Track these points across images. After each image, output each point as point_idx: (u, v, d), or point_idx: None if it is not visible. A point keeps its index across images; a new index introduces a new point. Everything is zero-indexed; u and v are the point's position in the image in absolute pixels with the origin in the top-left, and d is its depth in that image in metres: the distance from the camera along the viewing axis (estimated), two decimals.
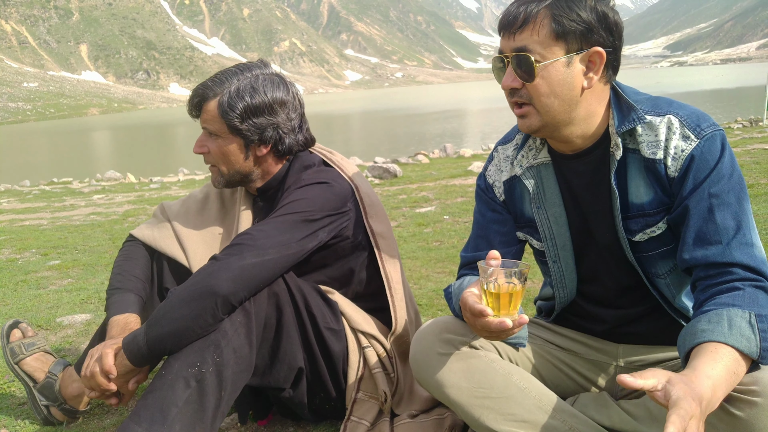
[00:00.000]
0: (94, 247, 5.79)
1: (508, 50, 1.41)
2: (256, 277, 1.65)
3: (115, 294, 1.90)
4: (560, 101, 1.42)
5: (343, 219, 1.84)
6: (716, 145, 1.37)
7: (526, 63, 1.38)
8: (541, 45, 1.37)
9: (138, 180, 15.43)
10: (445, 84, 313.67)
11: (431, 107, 57.73)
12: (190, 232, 1.99)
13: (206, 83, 1.84)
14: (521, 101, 1.43)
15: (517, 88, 1.42)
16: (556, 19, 1.37)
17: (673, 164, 1.39)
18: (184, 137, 40.85)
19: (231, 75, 1.83)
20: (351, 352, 1.85)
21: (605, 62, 1.41)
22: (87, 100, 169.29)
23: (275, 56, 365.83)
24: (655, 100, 1.47)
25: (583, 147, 1.50)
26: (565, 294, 1.64)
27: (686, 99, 16.02)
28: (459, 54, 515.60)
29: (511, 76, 1.42)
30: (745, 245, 1.32)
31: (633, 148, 1.44)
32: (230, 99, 1.80)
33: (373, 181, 10.04)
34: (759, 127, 14.37)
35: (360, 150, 20.66)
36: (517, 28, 1.39)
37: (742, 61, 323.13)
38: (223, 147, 1.86)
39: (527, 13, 1.38)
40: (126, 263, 1.98)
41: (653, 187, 1.43)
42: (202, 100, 1.83)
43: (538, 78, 1.39)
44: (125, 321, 1.81)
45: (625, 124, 1.43)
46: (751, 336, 1.20)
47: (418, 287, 3.67)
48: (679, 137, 1.39)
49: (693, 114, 1.41)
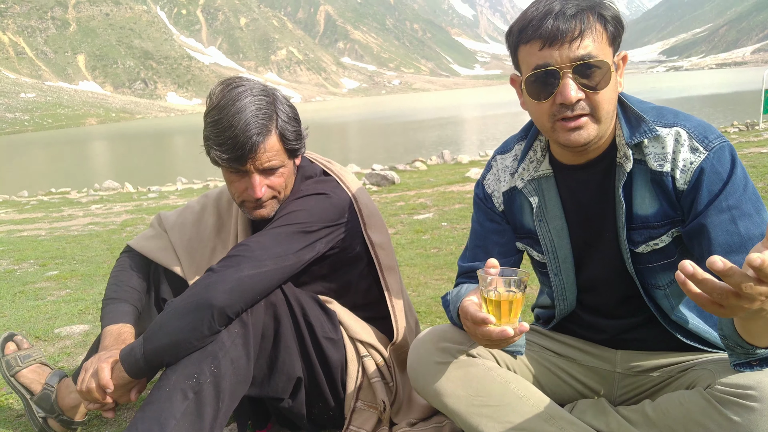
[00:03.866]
0: (92, 257, 5.78)
1: (565, 61, 1.33)
2: (254, 289, 1.65)
3: (110, 304, 1.89)
4: (613, 108, 1.41)
5: (341, 230, 1.84)
6: (726, 156, 1.36)
7: (596, 71, 1.33)
8: (603, 51, 1.35)
9: (136, 189, 15.43)
10: (442, 91, 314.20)
11: (428, 114, 57.79)
12: (186, 244, 1.98)
13: (248, 129, 1.67)
14: (582, 113, 1.36)
15: (580, 99, 1.35)
16: (609, 22, 1.35)
17: (682, 177, 1.38)
18: (182, 146, 40.87)
19: (260, 106, 1.71)
20: (350, 362, 1.84)
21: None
22: (85, 110, 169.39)
23: (272, 65, 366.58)
24: (659, 110, 1.46)
25: (592, 157, 1.49)
26: (565, 305, 1.64)
27: (683, 104, 15.97)
28: (455, 61, 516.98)
29: (574, 88, 1.33)
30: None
31: (639, 159, 1.43)
32: (284, 126, 1.76)
33: (371, 189, 10.05)
34: (755, 131, 14.42)
35: (358, 157, 20.66)
36: (578, 35, 1.32)
37: (737, 65, 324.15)
38: (286, 176, 1.82)
39: (583, 20, 1.32)
40: (122, 274, 1.97)
41: (659, 200, 1.43)
42: (255, 144, 1.69)
43: (608, 85, 1.36)
44: (119, 331, 1.80)
45: (636, 136, 1.42)
46: None
47: (417, 294, 3.67)
48: (688, 149, 1.38)
49: (700, 126, 1.41)
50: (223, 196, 2.07)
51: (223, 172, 1.82)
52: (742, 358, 1.26)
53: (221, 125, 1.69)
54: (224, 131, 1.68)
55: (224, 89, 1.73)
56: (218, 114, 1.70)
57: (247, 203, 1.81)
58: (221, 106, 1.70)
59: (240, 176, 1.77)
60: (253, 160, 1.72)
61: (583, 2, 1.34)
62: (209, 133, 1.73)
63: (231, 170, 1.76)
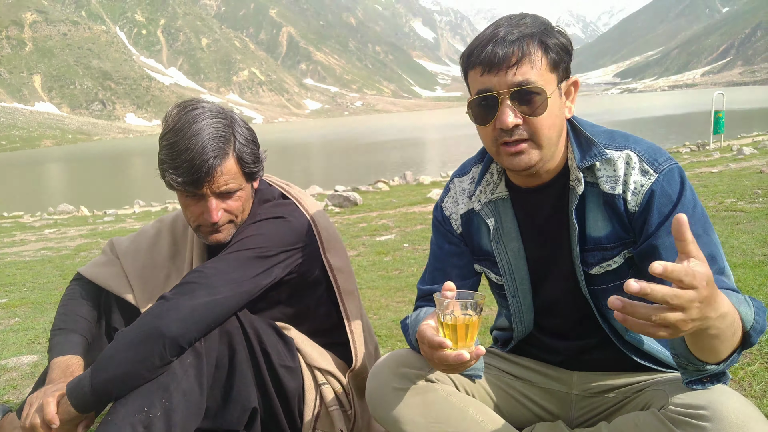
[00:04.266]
0: (43, 284, 5.60)
1: (503, 87, 1.35)
2: (208, 317, 1.61)
3: (58, 335, 1.82)
4: (556, 133, 1.42)
5: (299, 254, 1.81)
6: (675, 178, 1.39)
7: (533, 97, 1.35)
8: (542, 77, 1.36)
9: (92, 213, 15.08)
10: (404, 112, 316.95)
11: (391, 135, 58.17)
12: (139, 271, 1.92)
13: (204, 152, 1.64)
14: (521, 138, 1.38)
15: (518, 124, 1.37)
16: (551, 49, 1.37)
17: (633, 199, 1.41)
18: (140, 168, 40.16)
19: (217, 129, 1.68)
20: (307, 390, 1.81)
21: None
22: (40, 132, 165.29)
23: (234, 86, 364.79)
24: (610, 133, 1.49)
25: (545, 180, 1.50)
26: (523, 327, 1.64)
27: (637, 125, 16.48)
28: (417, 83, 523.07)
29: (512, 113, 1.36)
30: (720, 273, 1.32)
31: (592, 182, 1.45)
32: (241, 149, 1.73)
33: (334, 210, 10.01)
34: (706, 151, 14.91)
35: (320, 179, 20.63)
36: (516, 62, 1.34)
37: (688, 87, 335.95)
38: (243, 200, 1.79)
39: (522, 46, 1.34)
40: (71, 303, 1.91)
41: (611, 222, 1.45)
42: (212, 167, 1.66)
43: (545, 111, 1.37)
44: (66, 363, 1.73)
45: (586, 159, 1.44)
46: (747, 307, 1.20)
47: (378, 317, 3.65)
48: (638, 172, 1.41)
49: (650, 149, 1.44)
50: (179, 221, 2.02)
51: (178, 196, 1.78)
52: (693, 375, 1.28)
53: (177, 148, 1.65)
54: (180, 154, 1.65)
55: (180, 112, 1.70)
56: (174, 137, 1.66)
57: (202, 228, 1.77)
58: (177, 128, 1.67)
59: (196, 200, 1.73)
60: (210, 183, 1.68)
61: (527, 29, 1.36)
62: (164, 156, 1.69)
63: (186, 194, 1.72)
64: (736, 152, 12.63)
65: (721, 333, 1.13)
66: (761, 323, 1.21)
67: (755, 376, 2.36)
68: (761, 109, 50.73)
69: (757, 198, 6.54)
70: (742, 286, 3.45)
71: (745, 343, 1.21)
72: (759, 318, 1.21)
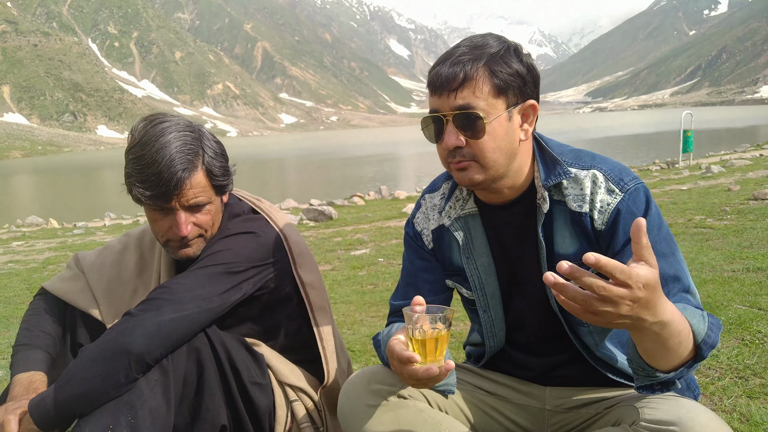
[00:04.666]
0: (10, 297, 5.46)
1: (446, 109, 1.38)
2: (174, 334, 1.57)
3: (21, 351, 1.76)
4: (504, 155, 1.43)
5: (269, 270, 1.79)
6: (641, 198, 1.41)
7: (473, 121, 1.38)
8: (485, 101, 1.38)
9: (61, 225, 14.80)
10: (380, 128, 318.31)
11: (366, 150, 58.32)
12: (105, 285, 1.88)
13: (172, 165, 1.62)
14: (463, 159, 1.41)
15: (459, 146, 1.40)
16: (497, 75, 1.38)
17: (600, 217, 1.42)
18: (112, 180, 39.56)
19: (185, 142, 1.65)
20: (278, 407, 1.78)
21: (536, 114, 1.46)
22: (8, 143, 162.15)
23: (208, 99, 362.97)
24: (577, 152, 1.51)
25: (511, 198, 1.52)
26: (495, 342, 1.64)
27: (608, 143, 16.81)
28: (392, 99, 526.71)
29: (454, 135, 1.39)
30: (685, 292, 1.35)
31: (559, 200, 1.47)
32: (210, 162, 1.71)
33: (308, 224, 9.97)
34: (675, 169, 15.22)
35: (295, 193, 20.55)
36: (458, 85, 1.37)
37: (657, 106, 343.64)
38: (213, 213, 1.76)
39: (466, 70, 1.37)
40: (35, 318, 1.85)
41: (579, 239, 1.46)
42: (180, 180, 1.64)
43: (485, 135, 1.39)
44: (29, 380, 1.68)
45: (551, 178, 1.46)
46: (701, 322, 1.24)
47: (352, 332, 3.62)
48: (605, 191, 1.42)
49: (615, 168, 1.46)
50: (146, 235, 1.98)
51: (145, 211, 1.74)
52: (644, 381, 1.30)
53: (144, 161, 1.62)
54: (147, 167, 1.62)
55: (147, 125, 1.68)
56: (141, 150, 1.64)
57: (171, 243, 1.74)
58: (144, 142, 1.64)
59: (164, 214, 1.70)
60: (179, 196, 1.66)
61: (476, 51, 1.39)
62: (131, 170, 1.66)
63: (154, 208, 1.69)
64: (705, 170, 12.91)
65: (664, 340, 1.17)
66: (713, 338, 1.24)
67: (725, 391, 2.39)
68: (729, 129, 52.12)
69: (726, 215, 6.68)
70: (711, 301, 3.51)
71: (696, 356, 1.24)
72: (711, 333, 1.24)
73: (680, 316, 1.18)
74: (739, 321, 3.13)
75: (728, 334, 2.99)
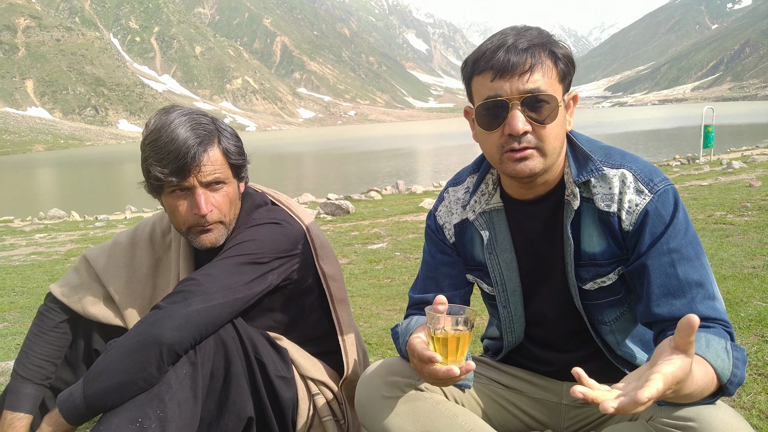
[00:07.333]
0: (33, 288, 5.56)
1: (514, 93, 1.34)
2: (203, 324, 1.59)
3: (15, 380, 1.76)
4: (560, 144, 1.42)
5: (293, 261, 1.80)
6: (669, 200, 1.39)
7: (543, 105, 1.35)
8: (552, 87, 1.37)
9: (83, 218, 14.98)
10: (397, 122, 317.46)
11: (383, 145, 58.24)
12: (122, 287, 1.87)
13: (189, 139, 1.64)
14: (528, 146, 1.37)
15: (527, 131, 1.36)
16: (561, 60, 1.38)
17: (628, 218, 1.41)
18: (132, 174, 39.97)
19: (200, 122, 1.69)
20: (300, 400, 1.79)
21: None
22: (32, 137, 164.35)
23: (228, 93, 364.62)
24: (607, 150, 1.49)
25: (542, 192, 1.50)
26: (513, 337, 1.65)
27: (627, 139, 16.62)
28: (410, 93, 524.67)
29: (522, 120, 1.35)
30: (709, 299, 1.33)
31: (587, 198, 1.45)
32: (227, 142, 1.73)
33: (326, 218, 10.01)
34: (696, 165, 15.02)
35: (313, 187, 20.59)
36: (527, 69, 1.33)
37: (678, 101, 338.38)
38: (231, 194, 1.76)
39: (533, 53, 1.34)
40: (36, 341, 1.81)
41: (606, 238, 1.45)
42: (197, 153, 1.65)
43: (553, 120, 1.37)
44: (10, 423, 1.71)
45: (583, 175, 1.44)
46: (726, 359, 1.22)
47: (369, 326, 3.64)
48: (633, 191, 1.41)
49: (645, 168, 1.44)
50: (156, 229, 1.98)
51: (165, 201, 1.75)
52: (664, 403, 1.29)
53: (161, 142, 1.65)
54: (165, 146, 1.64)
55: (160, 113, 1.72)
56: (157, 134, 1.67)
57: (193, 228, 1.74)
58: (159, 127, 1.67)
59: (184, 196, 1.71)
60: (197, 172, 1.67)
61: (536, 39, 1.37)
62: (148, 153, 1.68)
63: (173, 188, 1.70)
64: (726, 166, 12.73)
65: (689, 398, 1.17)
66: (739, 376, 1.23)
67: (744, 388, 2.37)
68: (750, 124, 51.22)
69: (746, 211, 6.59)
70: (731, 297, 3.48)
71: (722, 392, 1.23)
72: (737, 371, 1.22)
73: (704, 372, 1.17)
74: (758, 318, 3.09)
75: (747, 330, 2.96)
